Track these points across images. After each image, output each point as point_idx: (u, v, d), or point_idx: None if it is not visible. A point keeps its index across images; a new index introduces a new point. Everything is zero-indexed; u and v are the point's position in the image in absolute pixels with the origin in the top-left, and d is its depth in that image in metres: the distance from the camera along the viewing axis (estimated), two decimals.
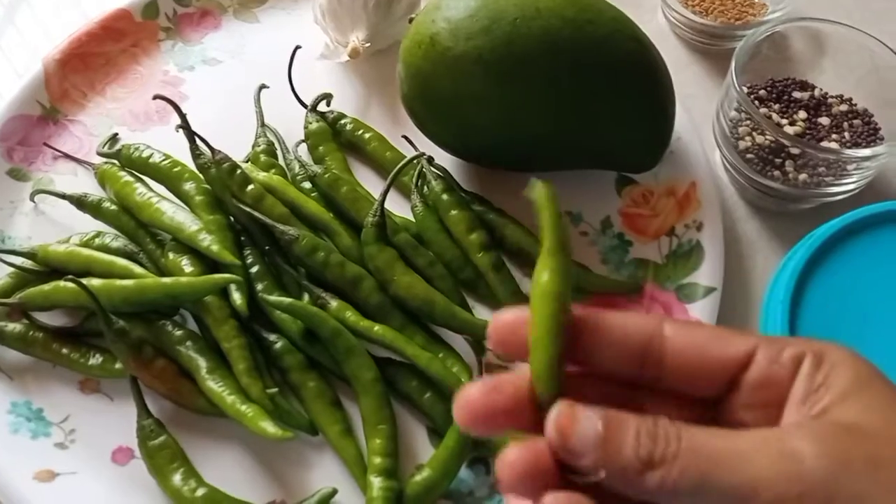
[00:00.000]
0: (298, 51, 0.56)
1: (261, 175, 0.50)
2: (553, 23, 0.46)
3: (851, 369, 0.25)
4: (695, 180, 0.53)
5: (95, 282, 0.45)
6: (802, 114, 0.53)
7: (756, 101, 0.54)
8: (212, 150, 0.49)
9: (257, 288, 0.46)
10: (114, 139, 0.55)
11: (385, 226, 0.48)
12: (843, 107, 0.54)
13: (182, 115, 0.49)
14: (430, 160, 0.52)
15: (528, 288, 0.49)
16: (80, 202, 0.51)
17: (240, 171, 0.49)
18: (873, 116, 0.54)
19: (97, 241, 0.49)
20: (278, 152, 0.54)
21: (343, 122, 0.56)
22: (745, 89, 0.54)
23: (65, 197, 0.51)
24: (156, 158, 0.50)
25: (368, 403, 0.44)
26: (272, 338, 0.46)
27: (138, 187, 0.50)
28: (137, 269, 0.47)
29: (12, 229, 0.52)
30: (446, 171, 0.52)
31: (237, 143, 0.53)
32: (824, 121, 0.53)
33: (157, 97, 0.50)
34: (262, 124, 0.55)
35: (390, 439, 0.43)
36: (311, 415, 0.44)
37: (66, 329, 0.47)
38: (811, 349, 0.26)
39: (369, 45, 0.57)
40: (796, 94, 0.54)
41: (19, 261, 0.49)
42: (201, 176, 0.49)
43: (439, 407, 0.44)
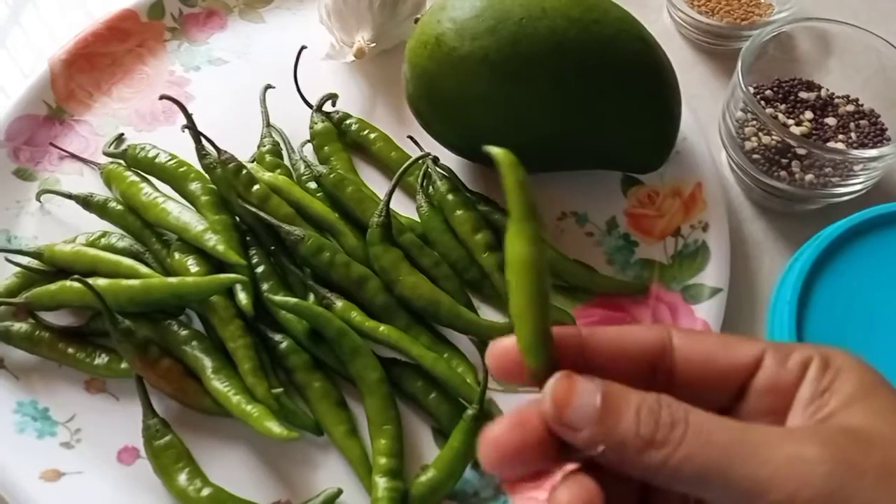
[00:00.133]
0: (304, 51, 0.56)
1: (266, 175, 0.50)
2: (559, 23, 0.46)
3: (857, 375, 0.25)
4: (701, 181, 0.53)
5: (101, 281, 0.45)
6: (809, 114, 0.53)
7: (762, 102, 0.54)
8: (217, 150, 0.49)
9: (263, 288, 0.46)
10: (120, 139, 0.55)
11: (390, 226, 0.48)
12: (850, 107, 0.54)
13: (188, 116, 0.49)
14: (435, 160, 0.52)
15: None
16: (86, 202, 0.51)
17: (245, 171, 0.49)
18: (880, 117, 0.53)
19: (103, 240, 0.49)
20: (284, 152, 0.54)
21: (348, 122, 0.56)
22: (752, 89, 0.54)
23: (71, 197, 0.51)
24: (162, 158, 0.50)
25: (374, 404, 0.44)
26: (277, 338, 0.46)
27: (144, 187, 0.50)
28: (143, 268, 0.47)
29: (18, 229, 0.52)
30: (451, 171, 0.52)
31: (243, 143, 0.53)
32: (831, 121, 0.53)
33: (163, 97, 0.50)
34: (268, 124, 0.55)
35: (395, 440, 0.43)
36: (316, 415, 0.45)
37: (72, 329, 0.47)
38: (817, 354, 0.26)
39: (375, 45, 0.57)
40: (803, 95, 0.54)
41: (25, 260, 0.49)
42: (207, 176, 0.49)
43: (444, 407, 0.44)
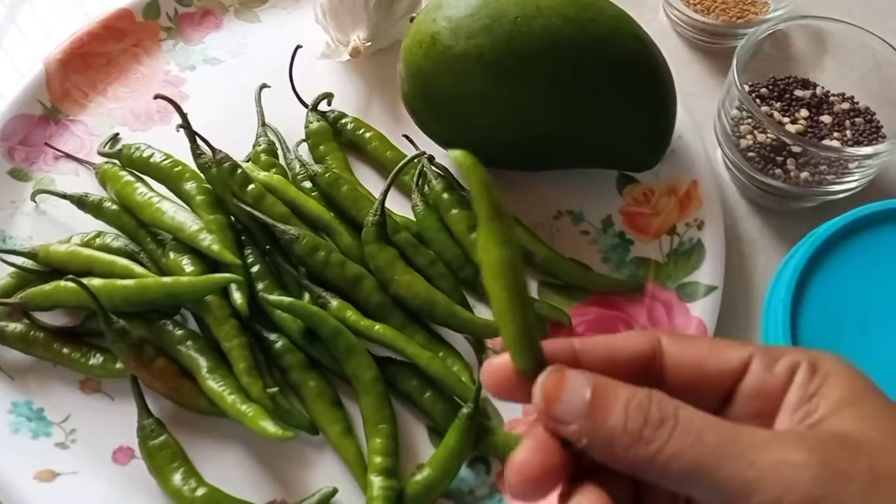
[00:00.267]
0: (299, 50, 0.56)
1: (261, 174, 0.50)
2: (554, 21, 0.46)
3: (846, 380, 0.25)
4: (696, 179, 0.53)
5: (96, 281, 0.45)
6: (804, 112, 0.53)
7: (757, 100, 0.54)
8: (212, 149, 0.49)
9: (258, 287, 0.46)
10: (115, 139, 0.55)
11: (385, 225, 0.48)
12: (845, 105, 0.54)
13: (183, 115, 0.49)
14: (430, 159, 0.52)
15: (529, 287, 0.50)
16: (81, 202, 0.51)
17: (240, 170, 0.49)
18: (875, 114, 0.53)
19: (98, 240, 0.49)
20: (279, 152, 0.54)
21: (344, 121, 0.56)
22: (747, 87, 0.54)
23: (66, 197, 0.51)
24: (157, 158, 0.50)
25: (369, 403, 0.44)
26: (272, 337, 0.46)
27: (139, 187, 0.50)
28: (138, 268, 0.47)
29: (13, 229, 0.52)
30: (447, 169, 0.52)
31: (238, 142, 0.53)
32: (826, 119, 0.53)
33: (158, 97, 0.50)
34: (263, 124, 0.55)
35: (391, 438, 0.43)
36: (311, 414, 0.44)
37: (67, 329, 0.47)
38: (806, 358, 0.26)
39: (370, 44, 0.57)
40: (798, 93, 0.54)
41: (20, 261, 0.49)
42: (202, 175, 0.49)
43: (440, 406, 0.44)
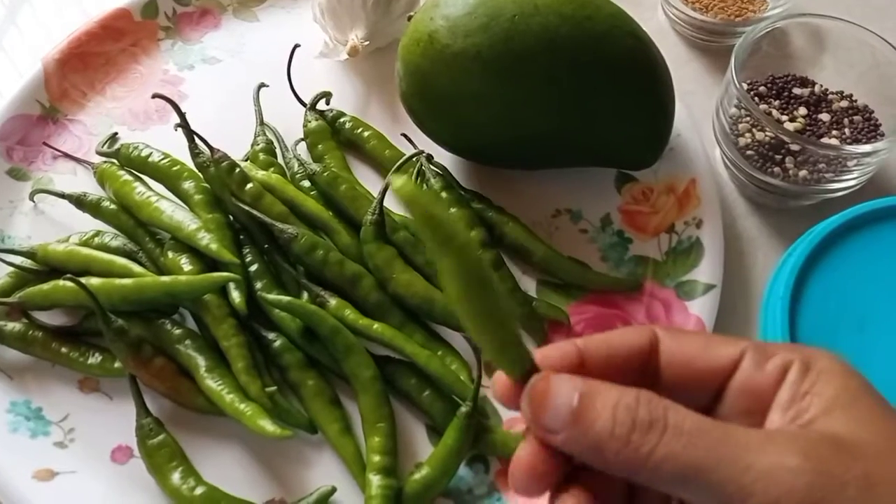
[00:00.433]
0: (297, 49, 0.56)
1: (260, 174, 0.50)
2: (551, 19, 0.46)
3: (839, 379, 0.24)
4: (694, 177, 0.53)
5: (94, 281, 0.45)
6: (803, 110, 0.53)
7: (756, 98, 0.54)
8: (211, 148, 0.49)
9: (256, 286, 0.46)
10: (113, 138, 0.55)
11: (384, 224, 0.48)
12: (844, 103, 0.53)
13: (181, 114, 0.49)
14: (429, 158, 0.52)
15: (528, 286, 0.50)
16: (80, 201, 0.51)
17: (239, 169, 0.48)
18: (874, 112, 0.53)
19: (96, 240, 0.49)
20: (277, 151, 0.54)
21: (342, 120, 0.56)
22: (745, 86, 0.54)
23: (64, 196, 0.51)
24: (155, 157, 0.50)
25: (367, 401, 0.44)
26: (271, 336, 0.46)
27: (137, 186, 0.50)
28: (136, 267, 0.47)
29: (12, 229, 0.52)
30: (445, 168, 0.52)
31: (236, 141, 0.53)
32: (824, 117, 0.53)
33: (157, 96, 0.50)
34: (262, 123, 0.55)
35: (389, 437, 0.43)
36: (310, 413, 0.44)
37: (66, 328, 0.47)
38: (799, 356, 0.25)
39: (368, 43, 0.57)
40: (796, 91, 0.54)
41: (19, 260, 0.49)
42: (200, 175, 0.49)
43: (438, 405, 0.44)
